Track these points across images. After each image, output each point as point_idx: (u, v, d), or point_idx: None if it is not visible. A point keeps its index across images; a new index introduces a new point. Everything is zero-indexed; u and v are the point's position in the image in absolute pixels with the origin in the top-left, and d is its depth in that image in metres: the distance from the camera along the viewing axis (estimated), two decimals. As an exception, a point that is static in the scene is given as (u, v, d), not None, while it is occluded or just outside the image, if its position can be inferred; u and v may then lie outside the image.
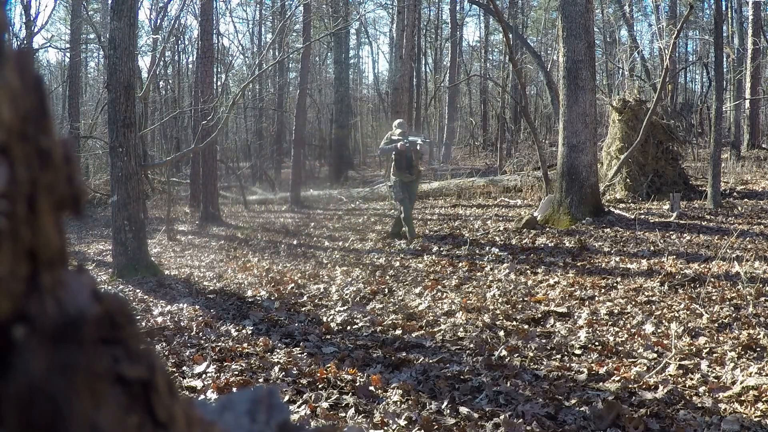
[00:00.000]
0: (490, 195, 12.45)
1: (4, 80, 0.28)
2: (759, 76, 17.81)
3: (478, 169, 16.22)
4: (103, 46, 10.38)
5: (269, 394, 0.37)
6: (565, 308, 4.55)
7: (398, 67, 15.54)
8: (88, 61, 28.64)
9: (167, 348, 3.93)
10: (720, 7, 9.58)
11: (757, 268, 5.35)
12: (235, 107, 14.17)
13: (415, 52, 22.08)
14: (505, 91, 19.12)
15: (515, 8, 23.81)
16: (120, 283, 6.31)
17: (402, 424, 2.74)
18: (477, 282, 5.54)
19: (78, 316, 0.28)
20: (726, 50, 14.36)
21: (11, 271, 0.27)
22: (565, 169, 8.35)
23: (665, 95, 13.28)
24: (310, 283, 5.92)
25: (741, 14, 19.18)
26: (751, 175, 12.68)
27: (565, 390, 3.06)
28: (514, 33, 13.76)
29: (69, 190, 0.31)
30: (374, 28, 37.54)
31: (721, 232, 7.18)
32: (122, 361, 0.29)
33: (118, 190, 6.51)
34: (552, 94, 11.60)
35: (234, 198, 15.54)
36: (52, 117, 0.31)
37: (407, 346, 3.85)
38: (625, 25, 22.00)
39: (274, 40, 16.54)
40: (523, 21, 25.91)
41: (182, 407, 0.33)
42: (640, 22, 29.96)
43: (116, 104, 6.49)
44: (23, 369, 0.27)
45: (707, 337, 3.78)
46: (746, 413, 2.74)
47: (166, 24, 15.84)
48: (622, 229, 7.57)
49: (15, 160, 0.28)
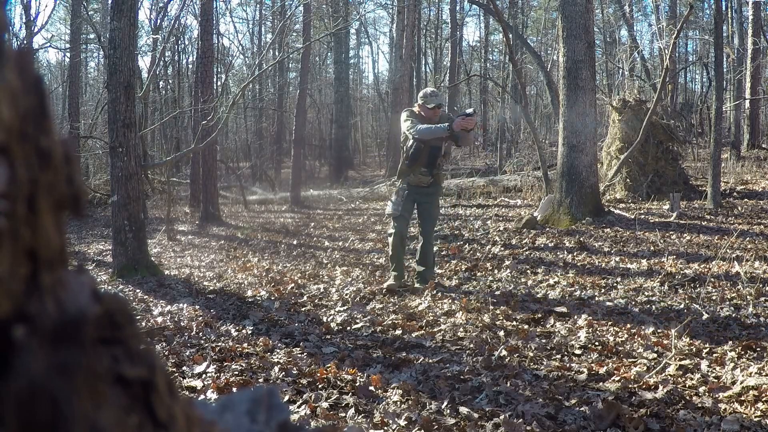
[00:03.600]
0: (490, 195, 12.45)
1: (4, 80, 0.28)
2: (759, 76, 17.80)
3: (478, 169, 16.22)
4: (103, 46, 10.39)
5: (269, 394, 0.38)
6: (565, 308, 4.55)
7: (398, 67, 15.53)
8: (88, 61, 28.65)
9: (167, 348, 3.93)
10: (720, 7, 9.58)
11: (757, 268, 5.35)
12: (235, 107, 14.18)
13: (415, 52, 22.08)
14: (505, 91, 19.12)
15: (515, 8, 23.81)
16: (120, 283, 6.31)
17: (402, 424, 2.74)
18: (477, 282, 5.54)
19: (78, 316, 0.28)
20: (726, 50, 14.37)
21: (11, 271, 0.27)
22: (565, 169, 8.35)
23: (665, 95, 13.29)
24: (310, 283, 5.92)
25: (741, 14, 19.17)
26: (751, 175, 12.68)
27: (565, 390, 3.06)
28: (514, 33, 13.76)
29: (69, 190, 0.31)
30: (374, 28, 37.58)
31: (721, 232, 7.18)
32: (122, 361, 0.29)
33: (118, 190, 6.51)
34: (552, 94, 11.61)
35: (234, 198, 15.54)
36: (52, 117, 0.31)
37: (407, 346, 3.85)
38: (625, 25, 22.00)
39: (274, 40, 16.54)
40: (523, 21, 25.91)
41: (182, 407, 0.33)
42: (640, 22, 29.98)
43: (116, 104, 6.49)
44: (23, 369, 0.27)
45: (707, 337, 3.78)
46: (746, 413, 2.74)
47: (166, 24, 15.85)
48: (622, 229, 7.57)
49: (15, 160, 0.28)
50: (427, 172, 5.09)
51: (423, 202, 5.20)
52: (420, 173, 5.09)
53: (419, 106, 5.08)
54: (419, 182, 5.12)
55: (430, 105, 5.00)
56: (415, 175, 5.10)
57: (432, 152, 5.03)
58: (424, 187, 5.14)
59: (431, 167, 5.08)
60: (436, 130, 4.84)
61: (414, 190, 5.15)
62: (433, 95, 5.06)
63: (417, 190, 5.15)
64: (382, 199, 13.45)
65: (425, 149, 5.00)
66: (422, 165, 5.06)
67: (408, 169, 5.10)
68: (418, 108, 5.08)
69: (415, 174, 5.10)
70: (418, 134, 4.87)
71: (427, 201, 5.19)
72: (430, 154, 5.03)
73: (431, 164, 5.07)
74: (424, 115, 5.02)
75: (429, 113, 5.02)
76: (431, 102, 5.01)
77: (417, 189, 5.15)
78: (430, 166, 5.08)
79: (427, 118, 5.01)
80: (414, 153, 5.02)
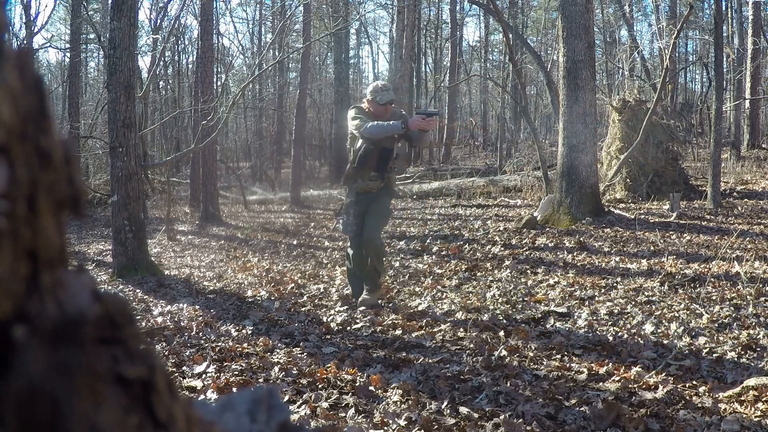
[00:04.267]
0: (490, 195, 12.45)
1: (4, 80, 0.28)
2: (759, 76, 17.81)
3: (478, 169, 16.22)
4: (103, 46, 10.39)
5: (269, 394, 0.38)
6: (565, 308, 4.55)
7: (398, 67, 15.53)
8: (88, 61, 28.65)
9: (167, 348, 3.93)
10: (720, 7, 9.58)
11: (757, 268, 5.35)
12: (235, 107, 14.17)
13: (415, 52, 22.08)
14: (505, 91, 19.12)
15: (515, 8, 23.82)
16: (120, 283, 6.31)
17: (402, 424, 2.74)
18: (477, 282, 5.54)
19: (78, 316, 0.28)
20: (726, 50, 14.37)
21: (11, 271, 0.27)
22: (565, 169, 8.35)
23: (665, 95, 13.28)
24: (310, 283, 5.92)
25: (741, 14, 19.18)
26: (751, 175, 12.68)
27: (565, 390, 3.06)
28: (514, 33, 13.76)
29: (69, 190, 0.31)
30: (374, 28, 37.58)
31: (721, 232, 7.18)
32: (122, 361, 0.29)
33: (118, 190, 6.51)
34: (552, 94, 11.61)
35: (234, 198, 15.54)
36: (52, 117, 0.31)
37: (407, 346, 3.85)
38: (625, 25, 22.00)
39: (274, 40, 16.54)
40: (523, 21, 25.91)
41: (182, 407, 0.33)
42: (640, 22, 29.98)
43: (116, 104, 6.49)
44: (23, 369, 0.27)
45: (707, 337, 3.78)
46: (746, 413, 2.74)
47: (166, 24, 15.86)
48: (622, 229, 7.57)
49: (15, 160, 0.28)
50: (378, 177, 4.47)
51: (370, 204, 4.55)
52: (369, 178, 4.48)
53: (368, 102, 4.47)
54: (368, 188, 4.51)
55: (381, 101, 4.39)
56: (364, 180, 4.48)
57: (383, 154, 4.42)
58: (374, 193, 4.54)
59: (382, 171, 4.46)
60: (388, 128, 4.22)
61: (363, 199, 4.53)
62: (384, 90, 4.44)
63: (366, 197, 4.54)
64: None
65: (375, 151, 4.39)
66: (372, 169, 4.44)
67: (356, 174, 4.47)
68: (368, 104, 4.48)
69: (363, 179, 4.48)
70: (367, 133, 4.27)
71: (375, 201, 4.54)
72: (381, 156, 4.42)
73: (382, 168, 4.45)
74: (373, 112, 4.43)
75: (379, 110, 4.42)
76: (383, 98, 4.40)
77: (366, 197, 4.54)
78: (381, 170, 4.45)
79: (378, 115, 4.42)
80: (363, 155, 4.39)
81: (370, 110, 4.46)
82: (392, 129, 4.24)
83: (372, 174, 4.46)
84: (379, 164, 4.44)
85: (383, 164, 4.45)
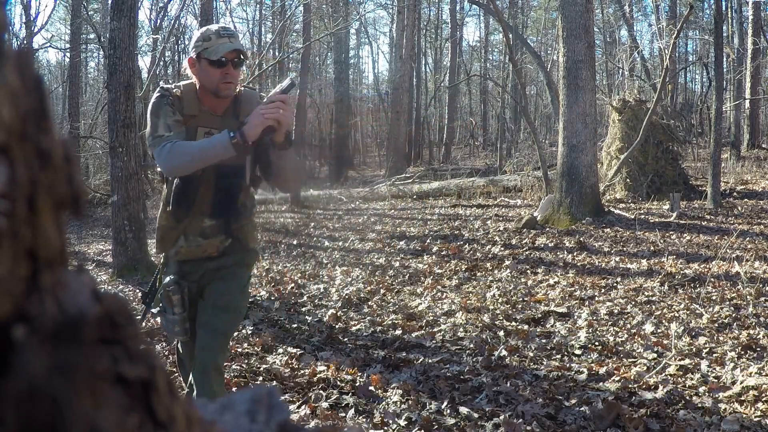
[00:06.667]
0: (490, 195, 12.45)
1: (4, 80, 0.28)
2: (759, 76, 17.81)
3: (478, 169, 16.23)
4: (103, 46, 10.38)
5: (269, 394, 0.38)
6: (565, 308, 4.55)
7: (398, 67, 15.54)
8: (88, 61, 28.64)
9: (167, 348, 3.93)
10: (720, 7, 9.59)
11: (757, 268, 5.35)
12: (235, 107, 14.13)
13: (415, 52, 22.08)
14: (505, 91, 19.13)
15: (515, 8, 23.82)
16: (120, 283, 6.31)
17: (402, 424, 2.75)
18: (477, 282, 5.54)
19: (78, 316, 0.28)
20: (726, 50, 14.36)
21: (11, 271, 0.27)
22: (565, 169, 8.35)
23: (665, 95, 13.29)
24: (310, 283, 5.92)
25: (741, 14, 19.18)
26: (751, 175, 12.69)
27: (565, 390, 3.06)
28: (514, 33, 13.76)
29: (69, 190, 0.31)
30: (374, 28, 37.61)
31: (721, 232, 7.18)
32: (122, 361, 0.29)
33: (118, 190, 6.51)
34: (552, 94, 11.61)
35: (234, 198, 15.51)
36: (52, 117, 0.31)
37: (407, 346, 3.85)
38: (625, 25, 22.00)
39: (274, 40, 16.55)
40: (523, 21, 25.92)
41: (182, 407, 0.33)
42: (640, 22, 29.99)
43: (116, 104, 6.49)
44: (23, 369, 0.27)
45: (707, 337, 3.78)
46: (746, 413, 2.74)
47: (166, 24, 15.86)
48: (622, 229, 7.57)
49: (15, 160, 0.28)
50: (219, 227, 2.28)
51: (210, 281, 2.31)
52: (201, 231, 2.27)
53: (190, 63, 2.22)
54: (200, 252, 2.29)
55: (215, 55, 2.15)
56: (191, 236, 2.27)
57: (224, 184, 2.25)
58: (213, 259, 2.31)
59: (226, 215, 2.28)
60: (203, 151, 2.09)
61: (193, 271, 2.31)
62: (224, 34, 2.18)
63: (198, 269, 2.31)
64: (383, 199, 13.46)
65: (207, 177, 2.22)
66: (204, 212, 2.25)
67: (174, 224, 2.26)
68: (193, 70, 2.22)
69: (190, 234, 2.27)
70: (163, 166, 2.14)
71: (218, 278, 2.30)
72: (221, 187, 2.25)
73: (226, 208, 2.27)
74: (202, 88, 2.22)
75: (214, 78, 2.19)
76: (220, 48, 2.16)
77: (198, 268, 2.31)
78: (223, 213, 2.27)
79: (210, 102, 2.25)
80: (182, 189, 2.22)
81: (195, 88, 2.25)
82: (211, 151, 2.09)
83: (206, 222, 2.27)
84: (219, 203, 2.26)
85: (227, 202, 2.28)
